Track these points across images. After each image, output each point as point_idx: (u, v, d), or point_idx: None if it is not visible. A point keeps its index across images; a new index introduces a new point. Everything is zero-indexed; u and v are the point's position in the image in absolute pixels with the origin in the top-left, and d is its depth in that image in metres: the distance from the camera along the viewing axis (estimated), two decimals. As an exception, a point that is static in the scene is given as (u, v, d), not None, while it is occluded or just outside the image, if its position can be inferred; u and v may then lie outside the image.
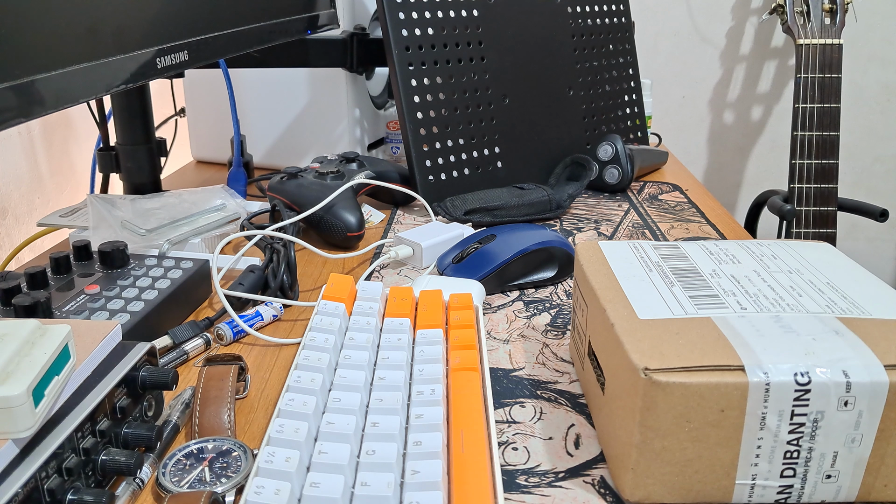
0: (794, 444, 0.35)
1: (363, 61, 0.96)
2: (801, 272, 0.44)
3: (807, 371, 0.34)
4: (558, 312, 0.59)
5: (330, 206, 0.72)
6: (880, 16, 1.62)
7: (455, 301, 0.52)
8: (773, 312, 0.39)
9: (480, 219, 0.78)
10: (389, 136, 1.09)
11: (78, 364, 0.37)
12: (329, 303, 0.50)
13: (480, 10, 0.88)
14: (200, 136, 1.09)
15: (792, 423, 0.34)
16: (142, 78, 0.56)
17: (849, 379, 0.34)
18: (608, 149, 0.91)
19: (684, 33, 1.67)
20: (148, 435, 0.38)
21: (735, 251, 0.48)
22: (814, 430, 0.34)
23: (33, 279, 0.52)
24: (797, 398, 0.34)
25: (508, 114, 0.90)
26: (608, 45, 1.05)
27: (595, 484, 0.39)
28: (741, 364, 0.34)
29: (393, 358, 0.44)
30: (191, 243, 0.67)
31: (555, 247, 0.63)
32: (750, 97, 1.71)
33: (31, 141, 0.96)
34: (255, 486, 0.32)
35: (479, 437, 0.36)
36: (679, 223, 0.80)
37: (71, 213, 0.74)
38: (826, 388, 0.34)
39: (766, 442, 0.35)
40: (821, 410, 0.34)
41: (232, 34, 0.70)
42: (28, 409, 0.31)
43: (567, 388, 0.48)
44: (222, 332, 0.54)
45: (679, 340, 0.36)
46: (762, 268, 0.45)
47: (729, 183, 1.78)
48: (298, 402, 0.38)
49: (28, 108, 0.44)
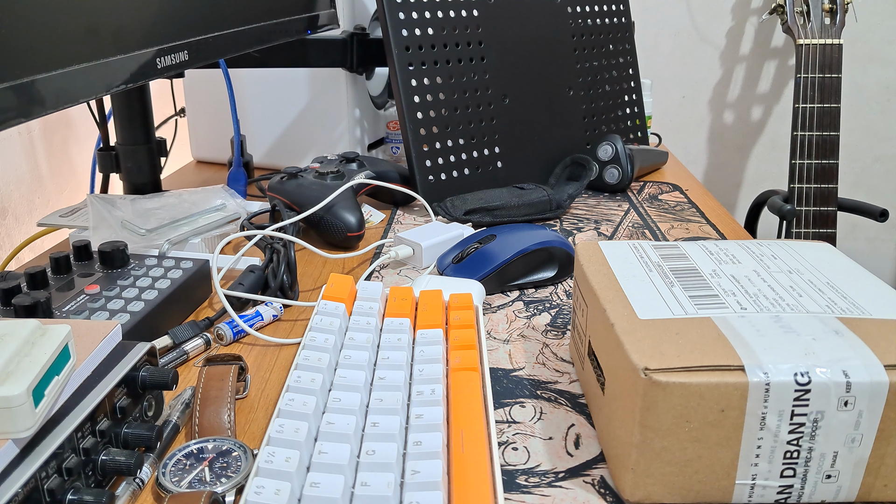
0: (794, 444, 0.35)
1: (363, 61, 0.96)
2: (801, 272, 0.44)
3: (807, 371, 0.34)
4: (558, 312, 0.59)
5: (330, 206, 0.72)
6: (880, 16, 1.62)
7: (455, 301, 0.52)
8: (773, 312, 0.39)
9: (480, 219, 0.78)
10: (389, 136, 1.09)
11: (78, 364, 0.37)
12: (329, 303, 0.50)
13: (480, 10, 0.88)
14: (200, 136, 1.09)
15: (792, 423, 0.34)
16: (142, 78, 0.56)
17: (849, 379, 0.34)
18: (608, 149, 0.91)
19: (684, 33, 1.67)
20: (148, 435, 0.38)
21: (735, 251, 0.48)
22: (814, 430, 0.34)
23: (33, 279, 0.52)
24: (797, 398, 0.34)
25: (508, 114, 0.90)
26: (608, 45, 1.05)
27: (595, 484, 0.39)
28: (741, 364, 0.34)
29: (393, 358, 0.44)
30: (191, 243, 0.67)
31: (555, 247, 0.63)
32: (750, 97, 1.71)
33: (31, 141, 0.96)
34: (255, 486, 0.32)
35: (479, 437, 0.36)
36: (679, 223, 0.80)
37: (71, 213, 0.74)
38: (826, 388, 0.34)
39: (766, 442, 0.35)
40: (821, 410, 0.34)
41: (232, 34, 0.70)
42: (28, 409, 0.31)
43: (567, 388, 0.48)
44: (222, 332, 0.54)
45: (679, 340, 0.36)
46: (762, 268, 0.45)
47: (729, 183, 1.78)
48: (298, 402, 0.38)
49: (28, 108, 0.44)
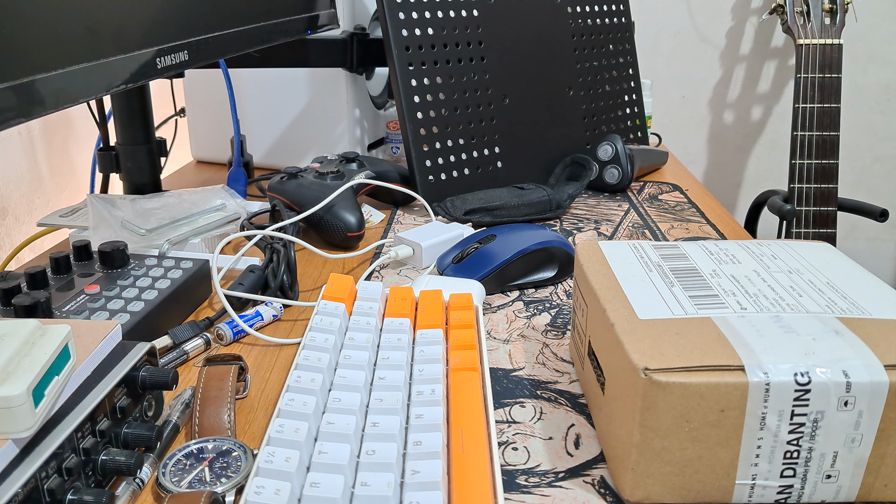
0: (794, 444, 0.35)
1: (363, 61, 0.96)
2: (801, 272, 0.44)
3: (807, 371, 0.34)
4: (558, 312, 0.59)
5: (330, 206, 0.72)
6: (880, 16, 1.62)
7: (455, 301, 0.52)
8: (773, 312, 0.39)
9: (480, 219, 0.78)
10: (389, 136, 1.09)
11: (78, 364, 0.37)
12: (329, 303, 0.50)
13: (480, 10, 0.88)
14: (200, 136, 1.09)
15: (792, 423, 0.34)
16: (142, 78, 0.56)
17: (849, 379, 0.33)
18: (608, 149, 0.91)
19: (684, 33, 1.67)
20: (148, 435, 0.38)
21: (735, 251, 0.48)
22: (814, 430, 0.34)
23: (33, 279, 0.52)
24: (797, 398, 0.34)
25: (508, 114, 0.90)
26: (608, 45, 1.05)
27: (595, 484, 0.39)
28: (741, 364, 0.34)
29: (393, 358, 0.44)
30: (191, 243, 0.67)
31: (555, 247, 0.63)
32: (750, 97, 1.71)
33: (31, 141, 0.96)
34: (255, 486, 0.32)
35: (479, 437, 0.36)
36: (679, 223, 0.80)
37: (71, 213, 0.74)
38: (826, 388, 0.34)
39: (766, 442, 0.35)
40: (821, 410, 0.34)
41: (232, 34, 0.70)
42: (28, 409, 0.31)
43: (567, 388, 0.48)
44: (222, 332, 0.54)
45: (679, 340, 0.36)
46: (762, 268, 0.45)
47: (729, 183, 1.78)
48: (298, 402, 0.38)
49: (28, 108, 0.44)
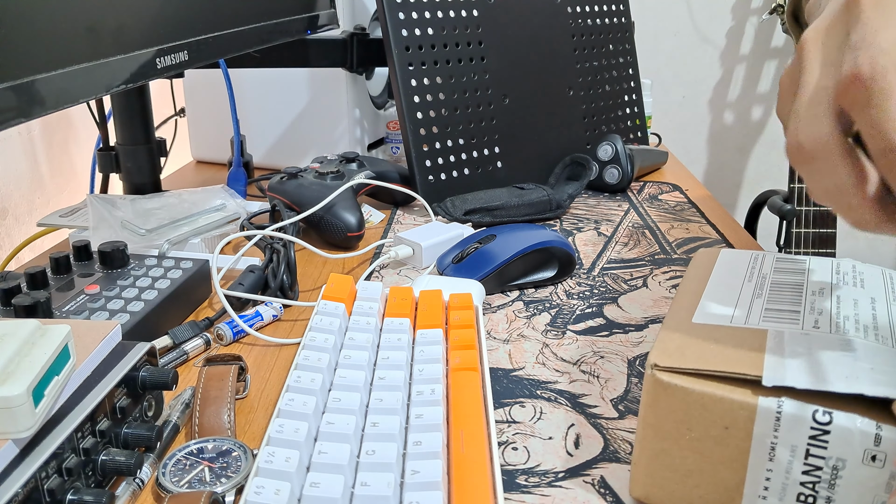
0: (810, 487, 0.31)
1: (363, 61, 0.96)
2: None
3: (829, 410, 0.30)
4: (558, 312, 0.59)
5: (330, 206, 0.72)
6: (880, 16, 1.62)
7: (455, 301, 0.52)
8: (850, 336, 0.34)
9: (480, 219, 0.78)
10: (389, 136, 1.09)
11: (78, 364, 0.37)
12: (329, 303, 0.50)
13: (480, 10, 0.88)
14: (200, 136, 1.09)
15: (807, 463, 0.31)
16: (142, 78, 0.56)
17: (880, 432, 0.29)
18: (608, 149, 0.91)
19: (684, 33, 1.68)
20: (148, 435, 0.38)
21: (871, 275, 0.42)
22: (833, 478, 0.30)
23: (33, 279, 0.52)
24: (813, 437, 0.30)
25: (508, 114, 0.90)
26: (608, 45, 1.05)
27: (595, 484, 0.39)
28: (759, 375, 0.31)
29: (393, 358, 0.44)
30: (191, 243, 0.67)
31: (555, 247, 0.63)
32: (750, 97, 1.71)
33: (31, 141, 0.96)
34: (255, 486, 0.32)
35: (479, 437, 0.36)
36: (679, 223, 0.80)
37: (71, 213, 0.74)
38: (849, 433, 0.29)
39: (777, 476, 0.32)
40: (842, 458, 0.30)
41: (232, 34, 0.70)
42: (28, 409, 0.31)
43: (567, 388, 0.48)
44: (222, 332, 0.54)
45: (711, 346, 0.34)
46: (887, 295, 0.39)
47: (729, 183, 1.78)
48: (298, 402, 0.38)
49: (28, 108, 0.44)
